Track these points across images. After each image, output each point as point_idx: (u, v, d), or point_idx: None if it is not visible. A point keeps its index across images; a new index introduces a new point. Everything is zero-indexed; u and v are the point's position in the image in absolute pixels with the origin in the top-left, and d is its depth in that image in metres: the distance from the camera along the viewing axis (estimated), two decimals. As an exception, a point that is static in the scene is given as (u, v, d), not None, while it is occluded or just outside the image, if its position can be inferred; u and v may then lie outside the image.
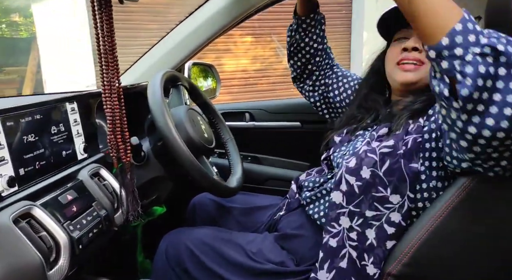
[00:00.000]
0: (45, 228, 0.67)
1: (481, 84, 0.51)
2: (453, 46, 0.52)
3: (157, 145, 1.00)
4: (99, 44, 0.70)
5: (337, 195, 0.83)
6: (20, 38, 6.04)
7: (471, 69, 0.51)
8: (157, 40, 1.32)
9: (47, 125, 0.77)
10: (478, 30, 0.53)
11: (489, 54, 0.51)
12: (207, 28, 1.24)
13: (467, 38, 0.52)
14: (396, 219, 0.78)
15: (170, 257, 0.96)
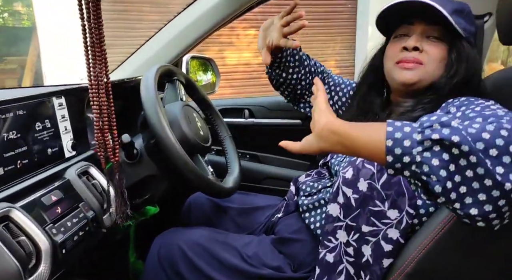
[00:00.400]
0: (24, 232, 0.63)
1: (445, 174, 0.51)
2: (399, 159, 0.53)
3: (150, 143, 0.95)
4: (85, 36, 0.65)
5: (334, 207, 0.79)
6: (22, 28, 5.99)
7: (427, 167, 0.51)
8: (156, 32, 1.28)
9: (31, 122, 0.73)
10: (407, 132, 0.53)
11: (432, 146, 0.51)
12: (205, 21, 1.19)
13: (403, 145, 0.53)
14: (393, 236, 0.73)
15: (163, 258, 0.93)
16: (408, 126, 0.55)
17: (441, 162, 0.51)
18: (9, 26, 6.07)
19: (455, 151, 0.50)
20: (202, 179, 0.88)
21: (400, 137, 0.53)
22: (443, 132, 0.51)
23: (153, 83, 0.89)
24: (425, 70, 0.83)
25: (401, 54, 0.85)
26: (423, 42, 0.83)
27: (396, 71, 0.85)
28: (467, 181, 0.50)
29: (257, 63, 5.24)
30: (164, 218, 1.20)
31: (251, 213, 1.13)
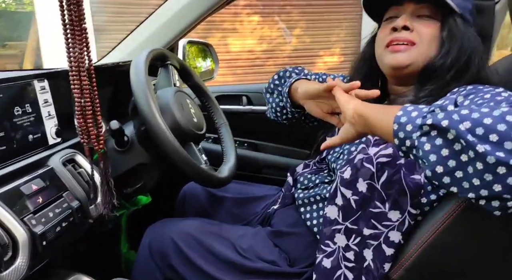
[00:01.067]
0: (0, 223, 0.59)
1: (435, 158, 0.52)
2: (403, 143, 0.56)
3: (140, 130, 0.91)
4: (63, 13, 0.60)
5: (332, 210, 0.75)
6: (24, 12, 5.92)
7: (421, 152, 0.53)
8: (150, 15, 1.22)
9: (8, 106, 0.69)
10: (413, 116, 0.55)
11: (429, 131, 0.52)
12: (200, 3, 1.13)
13: (406, 129, 0.55)
14: (395, 239, 0.69)
15: (154, 250, 0.90)
16: (417, 110, 0.55)
17: (432, 147, 0.52)
18: (11, 10, 6.01)
19: (450, 136, 0.50)
20: (194, 168, 0.84)
21: (404, 122, 0.55)
22: (438, 116, 0.52)
23: (144, 67, 0.84)
24: (417, 51, 0.77)
25: (390, 36, 0.79)
26: (414, 21, 0.78)
27: (387, 55, 0.80)
28: (462, 165, 0.50)
29: (261, 50, 5.17)
30: (157, 208, 1.17)
31: (247, 204, 1.10)
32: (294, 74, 1.01)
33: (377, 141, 0.76)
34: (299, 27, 5.21)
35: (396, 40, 0.78)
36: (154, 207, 1.14)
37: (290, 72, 1.02)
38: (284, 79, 1.01)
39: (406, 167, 0.69)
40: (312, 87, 0.82)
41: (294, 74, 1.01)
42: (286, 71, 1.03)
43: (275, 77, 1.03)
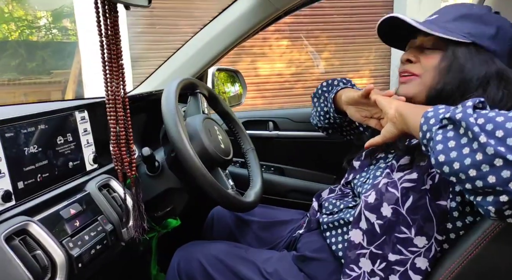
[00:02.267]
0: (41, 245, 0.64)
1: (441, 147, 0.55)
2: (424, 135, 0.60)
3: (170, 156, 0.95)
4: (103, 52, 0.66)
5: (356, 233, 0.75)
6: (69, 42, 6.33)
7: (432, 142, 0.57)
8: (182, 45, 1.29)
9: (52, 136, 0.75)
10: (439, 112, 0.59)
11: (447, 125, 0.56)
12: (230, 33, 1.19)
13: (429, 123, 0.59)
14: (422, 265, 0.68)
15: (182, 272, 0.92)
16: (445, 108, 0.59)
17: (442, 138, 0.56)
18: (57, 41, 6.45)
19: (461, 130, 0.54)
20: (220, 193, 0.86)
21: (430, 116, 0.59)
22: (456, 111, 0.55)
23: (174, 96, 0.89)
24: (420, 82, 0.78)
25: (401, 68, 0.82)
26: (421, 53, 0.80)
27: (398, 85, 0.83)
28: (462, 156, 0.53)
29: (290, 73, 5.22)
30: (186, 231, 1.19)
31: (273, 227, 1.10)
32: (341, 83, 1.05)
33: (402, 167, 0.76)
34: (327, 50, 5.25)
35: (403, 71, 0.81)
36: (183, 230, 1.17)
37: (338, 81, 1.06)
38: (332, 87, 1.05)
39: (431, 193, 0.68)
40: (353, 93, 0.87)
41: (341, 83, 1.05)
42: (335, 80, 1.07)
43: (323, 83, 1.07)
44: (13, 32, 6.12)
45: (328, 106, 1.01)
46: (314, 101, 1.11)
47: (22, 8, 6.18)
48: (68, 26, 6.39)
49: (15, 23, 6.13)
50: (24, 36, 6.21)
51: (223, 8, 1.21)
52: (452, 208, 0.68)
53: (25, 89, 5.55)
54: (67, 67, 5.54)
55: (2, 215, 0.62)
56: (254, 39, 4.88)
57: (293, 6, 1.16)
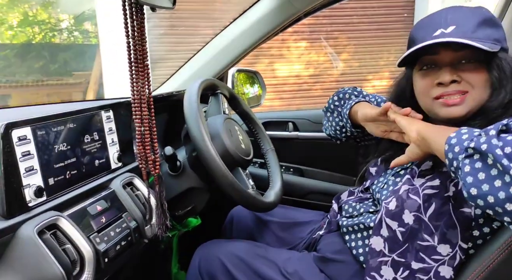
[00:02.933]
0: (70, 240, 0.66)
1: (471, 180, 0.54)
2: (451, 163, 0.59)
3: (192, 155, 0.97)
4: (130, 52, 0.68)
5: (377, 241, 0.74)
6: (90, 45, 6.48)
7: (461, 172, 0.56)
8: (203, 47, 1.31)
9: (80, 134, 0.77)
10: (463, 139, 0.57)
11: (473, 154, 0.55)
12: (250, 35, 1.20)
13: (454, 150, 0.58)
14: (446, 274, 0.67)
15: (203, 270, 0.93)
16: (469, 133, 0.58)
17: (471, 170, 0.54)
18: (78, 43, 6.61)
19: (489, 161, 0.52)
20: (241, 193, 0.87)
21: (454, 143, 0.58)
22: (480, 140, 0.54)
23: (196, 96, 0.90)
24: (472, 97, 0.72)
25: (437, 90, 0.74)
26: (458, 70, 0.73)
27: (439, 108, 0.75)
28: (494, 190, 0.52)
29: (308, 75, 5.21)
30: (206, 230, 1.21)
31: (293, 228, 1.10)
32: (353, 96, 1.02)
33: (423, 172, 0.75)
34: (346, 52, 5.21)
35: (447, 94, 0.73)
36: (203, 230, 1.19)
37: (349, 94, 1.03)
38: (344, 101, 1.02)
39: (454, 200, 0.67)
40: (370, 111, 0.85)
41: (353, 96, 1.02)
42: (346, 92, 1.04)
43: (335, 98, 1.05)
44: (36, 34, 6.31)
45: (343, 121, 0.98)
46: (327, 115, 1.08)
47: (46, 11, 6.35)
48: (89, 28, 6.55)
49: (39, 26, 6.31)
50: (47, 38, 6.38)
51: (244, 10, 1.22)
52: (477, 215, 0.66)
53: (47, 90, 5.71)
54: (88, 69, 5.67)
55: (34, 210, 0.65)
56: (273, 41, 4.87)
57: (314, 7, 1.17)
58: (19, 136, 0.62)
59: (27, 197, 0.64)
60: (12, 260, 0.60)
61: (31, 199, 0.65)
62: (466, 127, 0.60)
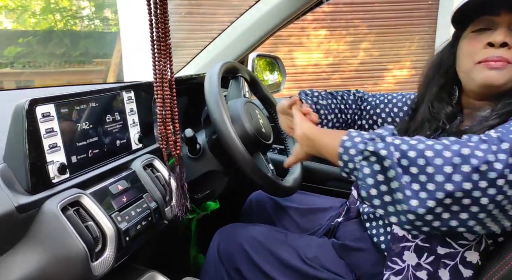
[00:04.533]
0: (92, 217, 0.66)
1: (371, 182, 0.58)
2: (346, 165, 0.61)
3: (212, 138, 0.96)
4: (152, 30, 0.67)
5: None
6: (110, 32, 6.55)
7: (361, 174, 0.59)
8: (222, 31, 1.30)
9: (102, 114, 0.77)
10: (356, 142, 0.60)
11: (369, 156, 0.58)
12: (270, 19, 1.18)
13: (349, 153, 0.60)
14: (473, 259, 0.65)
15: (222, 253, 0.93)
16: (360, 136, 0.62)
17: (371, 172, 0.58)
18: (98, 31, 6.68)
19: (385, 163, 0.56)
20: (261, 176, 0.87)
21: (349, 146, 0.61)
22: (377, 145, 0.58)
23: (217, 79, 0.89)
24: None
25: (484, 52, 0.71)
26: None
27: (479, 71, 0.71)
28: (390, 191, 0.57)
29: (327, 63, 5.13)
30: (224, 214, 1.21)
31: (311, 214, 1.10)
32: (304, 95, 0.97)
33: None
34: (367, 40, 5.10)
35: (492, 59, 0.69)
36: (221, 214, 1.19)
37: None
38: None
39: None
40: (283, 102, 0.86)
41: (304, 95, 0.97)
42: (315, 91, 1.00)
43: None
44: (58, 22, 6.40)
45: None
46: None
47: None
48: (109, 16, 6.60)
49: (61, 13, 6.40)
50: (68, 25, 6.48)
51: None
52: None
53: (69, 77, 5.81)
54: (108, 56, 5.74)
55: (57, 186, 0.65)
56: (292, 29, 4.83)
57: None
58: (43, 112, 0.63)
59: (51, 174, 0.65)
60: (37, 234, 0.60)
61: (55, 175, 0.65)
62: (355, 130, 0.64)
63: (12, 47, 5.60)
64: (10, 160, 0.62)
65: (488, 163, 0.51)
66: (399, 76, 5.23)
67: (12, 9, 6.25)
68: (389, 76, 5.24)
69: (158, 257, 1.09)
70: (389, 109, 0.98)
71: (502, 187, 0.51)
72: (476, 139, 0.56)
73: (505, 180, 0.51)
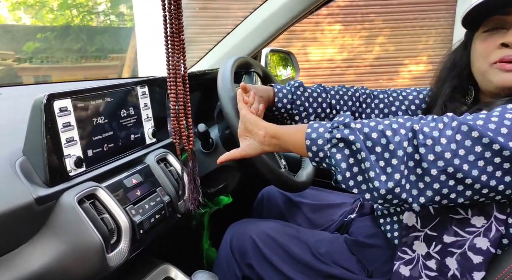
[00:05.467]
0: (108, 210, 0.68)
1: (345, 166, 0.63)
2: (316, 154, 0.67)
3: (225, 133, 0.97)
4: (166, 26, 0.68)
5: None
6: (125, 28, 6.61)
7: (334, 160, 0.64)
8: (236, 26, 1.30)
9: (117, 108, 0.78)
10: (321, 132, 0.66)
11: (337, 143, 0.64)
12: (283, 14, 1.18)
13: (317, 143, 0.66)
14: (482, 246, 0.64)
15: (234, 248, 0.94)
16: (322, 126, 0.67)
17: (342, 157, 0.63)
18: (114, 26, 6.75)
19: (354, 147, 0.62)
20: (273, 171, 0.87)
21: (315, 137, 0.66)
22: (344, 132, 0.63)
23: (230, 74, 0.89)
24: None
25: (498, 52, 0.70)
26: None
27: (494, 73, 0.71)
28: (362, 171, 0.62)
29: (341, 59, 5.08)
30: (236, 209, 1.22)
31: (324, 210, 1.09)
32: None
33: None
34: (382, 35, 5.03)
35: (507, 58, 0.69)
36: (234, 208, 1.20)
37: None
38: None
39: None
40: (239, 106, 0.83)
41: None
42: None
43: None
44: (75, 17, 6.49)
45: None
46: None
47: (84, -6, 6.51)
48: (124, 11, 6.66)
49: (77, 9, 6.48)
50: (85, 21, 6.56)
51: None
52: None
53: (85, 72, 5.89)
54: (123, 51, 5.80)
55: (74, 179, 0.67)
56: (306, 24, 4.79)
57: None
58: (60, 107, 0.64)
59: (68, 167, 0.66)
60: (55, 225, 0.62)
61: (72, 169, 0.67)
62: (315, 122, 0.69)
63: (31, 43, 5.70)
64: (29, 153, 0.64)
65: (433, 139, 0.58)
66: (415, 71, 5.15)
67: (30, 5, 6.36)
68: (404, 71, 5.16)
69: (171, 251, 1.10)
70: (406, 107, 0.96)
71: (449, 159, 0.57)
72: (430, 117, 0.63)
73: (451, 154, 0.57)
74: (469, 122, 0.58)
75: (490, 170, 0.57)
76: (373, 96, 0.99)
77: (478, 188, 0.58)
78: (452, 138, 0.58)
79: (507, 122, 0.57)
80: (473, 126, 0.57)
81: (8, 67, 5.32)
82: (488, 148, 0.56)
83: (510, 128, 0.56)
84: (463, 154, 0.57)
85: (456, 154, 0.57)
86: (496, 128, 0.56)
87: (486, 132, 0.56)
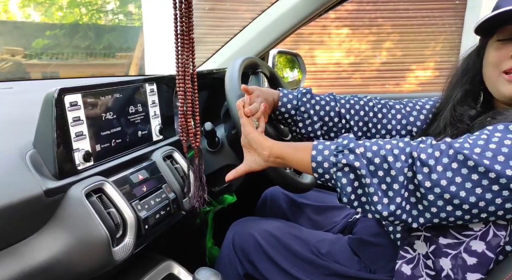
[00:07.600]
0: (114, 204, 0.69)
1: (350, 189, 0.67)
2: (322, 176, 0.70)
3: (231, 133, 0.98)
4: (176, 24, 0.69)
5: None
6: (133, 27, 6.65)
7: (339, 183, 0.67)
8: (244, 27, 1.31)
9: (125, 105, 0.79)
10: (326, 155, 0.69)
11: (343, 168, 0.67)
12: (292, 16, 1.19)
13: (323, 166, 0.69)
14: (478, 248, 0.65)
15: (237, 246, 0.95)
16: (327, 149, 0.69)
17: (347, 181, 0.66)
18: (122, 25, 6.79)
19: (358, 173, 0.65)
20: (278, 172, 0.87)
21: (320, 160, 0.69)
22: (349, 157, 0.66)
23: (237, 74, 0.90)
24: None
25: (510, 62, 0.71)
26: None
27: (503, 84, 0.72)
28: (366, 194, 0.66)
29: (348, 63, 5.08)
30: (240, 208, 1.22)
31: (327, 212, 1.10)
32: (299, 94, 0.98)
33: None
34: (390, 40, 5.02)
35: None
36: (238, 207, 1.20)
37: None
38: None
39: None
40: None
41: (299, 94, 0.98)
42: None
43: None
44: (84, 15, 6.53)
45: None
46: None
47: (93, -8, 6.56)
48: (133, 11, 6.69)
49: (86, 7, 6.53)
50: (93, 19, 6.60)
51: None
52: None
53: (92, 70, 5.93)
54: (130, 50, 5.83)
55: (82, 173, 0.68)
56: (313, 27, 4.80)
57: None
58: (70, 101, 0.65)
59: (76, 161, 0.67)
60: (62, 218, 0.63)
61: (80, 162, 0.68)
62: (319, 142, 0.71)
63: (40, 40, 5.76)
64: (39, 146, 0.65)
65: (429, 167, 0.61)
66: (422, 77, 5.13)
67: (40, 2, 6.42)
68: (411, 77, 5.15)
69: (174, 248, 1.11)
70: (424, 116, 0.93)
71: (445, 187, 0.60)
72: (429, 141, 0.65)
73: (446, 181, 0.60)
74: (465, 152, 0.59)
75: (489, 197, 0.58)
76: (389, 106, 0.95)
77: (476, 212, 0.60)
78: (448, 166, 0.60)
79: (505, 149, 0.58)
80: (469, 155, 0.59)
81: (17, 63, 5.37)
82: (485, 176, 0.58)
83: (507, 155, 0.57)
84: (460, 182, 0.59)
85: (452, 181, 0.60)
86: (493, 156, 0.58)
87: (482, 160, 0.58)
